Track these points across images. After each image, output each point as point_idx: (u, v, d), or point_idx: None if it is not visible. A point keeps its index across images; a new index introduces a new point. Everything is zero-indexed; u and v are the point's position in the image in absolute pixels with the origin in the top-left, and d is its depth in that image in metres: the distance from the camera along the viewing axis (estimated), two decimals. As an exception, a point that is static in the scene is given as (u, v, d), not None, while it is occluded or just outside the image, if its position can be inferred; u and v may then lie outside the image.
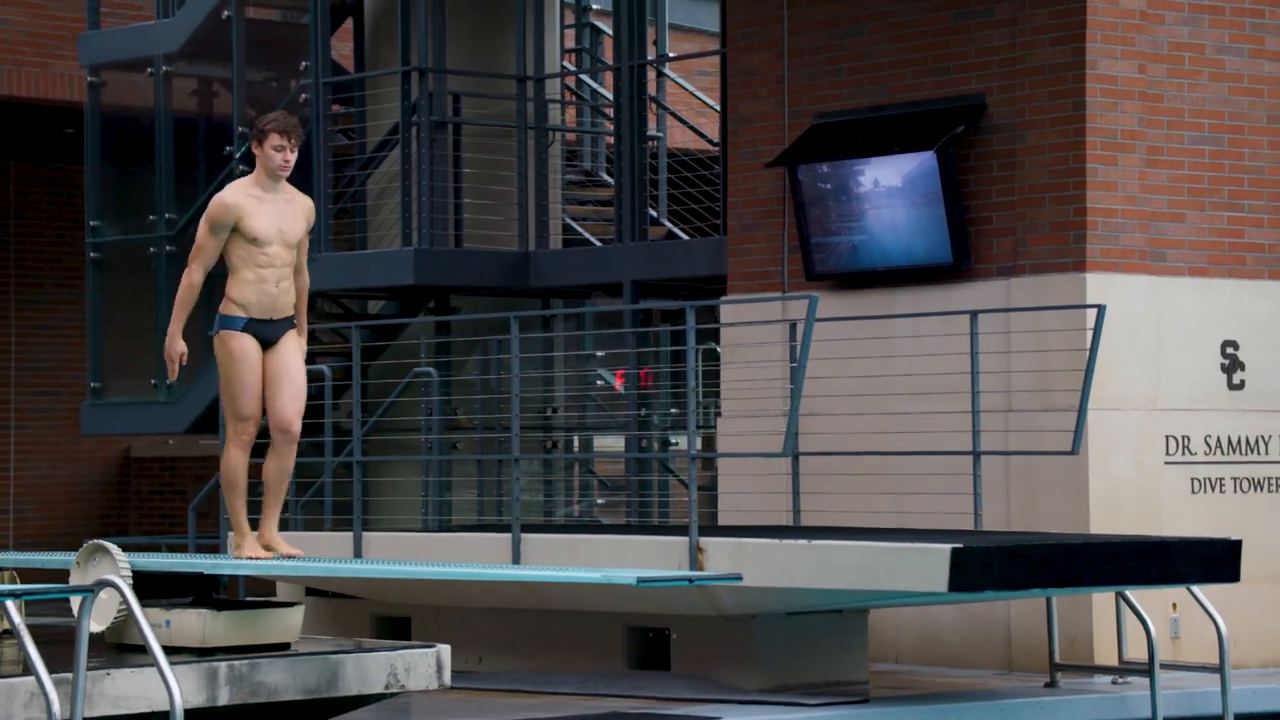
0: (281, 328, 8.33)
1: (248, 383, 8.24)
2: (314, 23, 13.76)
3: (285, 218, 8.28)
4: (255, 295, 8.24)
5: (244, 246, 8.21)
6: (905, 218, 11.24)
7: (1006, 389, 10.83)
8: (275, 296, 8.27)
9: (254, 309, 8.25)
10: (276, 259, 8.24)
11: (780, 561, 9.31)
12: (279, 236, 8.25)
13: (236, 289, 8.27)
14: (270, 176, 8.28)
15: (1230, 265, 11.22)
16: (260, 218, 8.22)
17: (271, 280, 8.24)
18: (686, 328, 9.72)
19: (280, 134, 8.24)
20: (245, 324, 8.26)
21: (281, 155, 8.24)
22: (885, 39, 11.51)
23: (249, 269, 8.22)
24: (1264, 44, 11.28)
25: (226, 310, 8.31)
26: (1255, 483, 11.22)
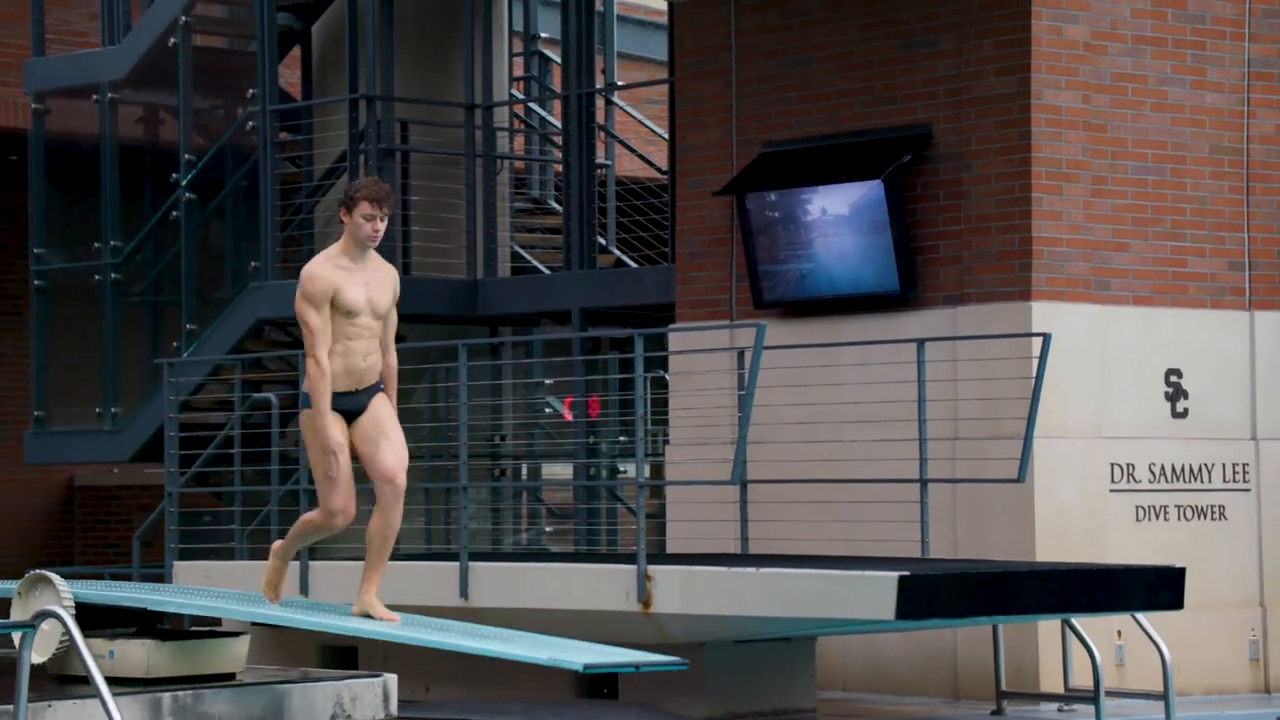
0: (367, 396, 7.97)
1: (340, 473, 7.88)
2: (261, 50, 13.73)
3: (373, 288, 7.95)
4: (342, 368, 7.90)
5: (333, 319, 7.88)
6: (853, 246, 11.29)
7: (953, 417, 10.88)
8: (363, 371, 7.93)
9: (341, 382, 7.90)
10: (365, 330, 7.92)
11: (728, 589, 9.31)
12: (368, 307, 7.94)
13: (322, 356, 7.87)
14: (358, 246, 7.94)
15: (1173, 294, 11.31)
16: (350, 289, 7.90)
17: (360, 353, 7.91)
18: (635, 355, 9.73)
19: (371, 202, 7.90)
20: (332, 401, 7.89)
21: (371, 225, 7.90)
22: (832, 69, 11.57)
23: (337, 342, 7.88)
24: (1205, 75, 11.40)
25: (309, 386, 7.90)
26: (1198, 510, 11.30)
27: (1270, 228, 11.61)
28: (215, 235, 14.43)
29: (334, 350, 7.90)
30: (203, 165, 14.13)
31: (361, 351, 7.92)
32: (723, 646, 9.76)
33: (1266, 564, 11.45)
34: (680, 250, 12.30)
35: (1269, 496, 11.49)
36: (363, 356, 7.93)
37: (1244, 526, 11.42)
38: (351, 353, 7.91)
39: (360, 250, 7.96)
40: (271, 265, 13.63)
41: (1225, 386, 11.42)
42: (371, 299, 7.95)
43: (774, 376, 10.72)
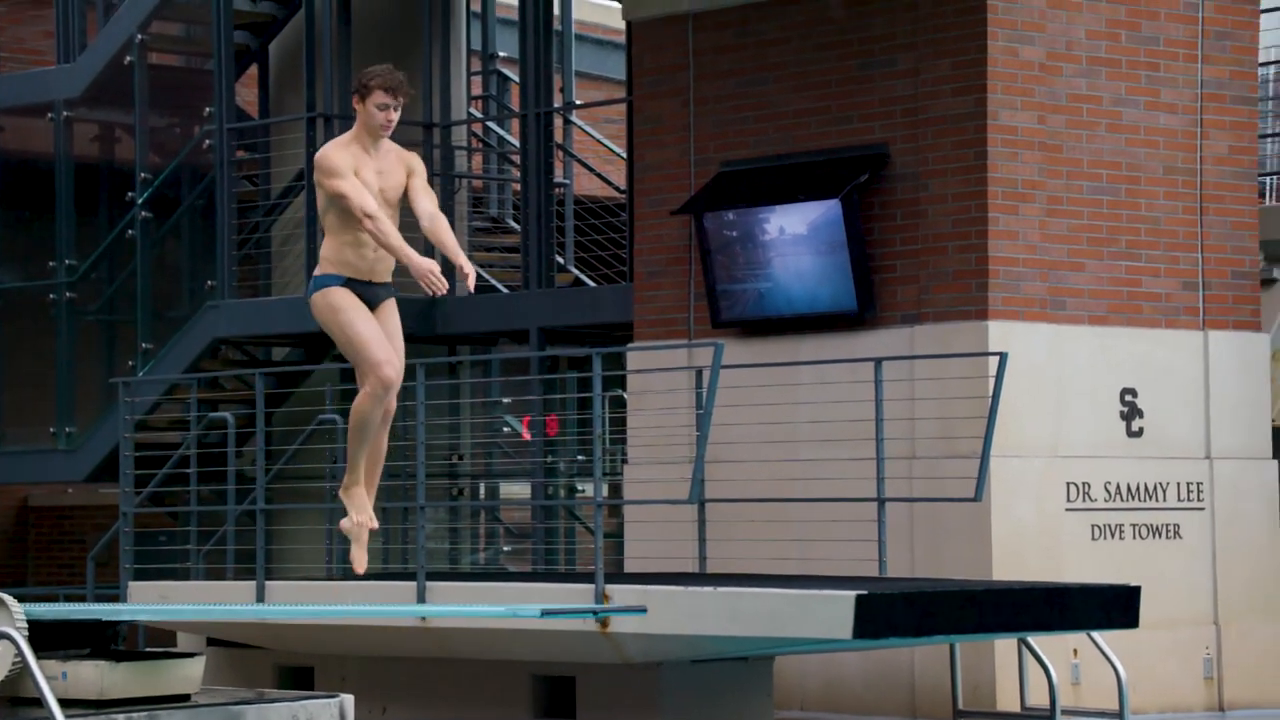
0: (382, 293, 7.76)
1: (367, 330, 7.59)
2: (218, 68, 13.70)
3: (386, 177, 7.71)
4: (354, 257, 7.64)
5: (342, 207, 7.59)
6: (810, 265, 11.32)
7: (910, 436, 10.91)
8: (374, 261, 7.66)
9: (352, 271, 7.65)
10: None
11: (686, 608, 9.31)
12: (380, 197, 7.66)
13: (334, 250, 7.67)
14: (371, 135, 7.67)
15: (1128, 314, 11.38)
16: (362, 175, 7.63)
17: (370, 244, 7.61)
18: (593, 375, 9.73)
19: (386, 91, 7.66)
20: (344, 282, 7.66)
21: (385, 114, 7.65)
22: (790, 88, 11.61)
23: (347, 231, 7.60)
24: (1159, 96, 11.48)
25: (323, 271, 7.70)
26: (1154, 529, 11.36)
27: (1223, 248, 11.69)
28: (172, 254, 14.38)
29: (344, 240, 7.60)
30: (159, 184, 14.09)
31: (372, 243, 7.62)
32: (680, 666, 9.75)
33: (1220, 582, 11.51)
34: (638, 269, 12.31)
35: (1223, 515, 11.56)
36: (373, 248, 7.64)
37: (1198, 545, 11.48)
38: (363, 242, 7.61)
39: (373, 140, 7.69)
40: (228, 284, 13.59)
41: (1179, 406, 11.48)
42: (384, 189, 7.68)
43: (732, 395, 10.73)
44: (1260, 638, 11.63)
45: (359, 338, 7.61)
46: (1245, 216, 11.77)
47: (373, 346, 7.61)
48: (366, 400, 7.73)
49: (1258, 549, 11.69)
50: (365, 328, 7.62)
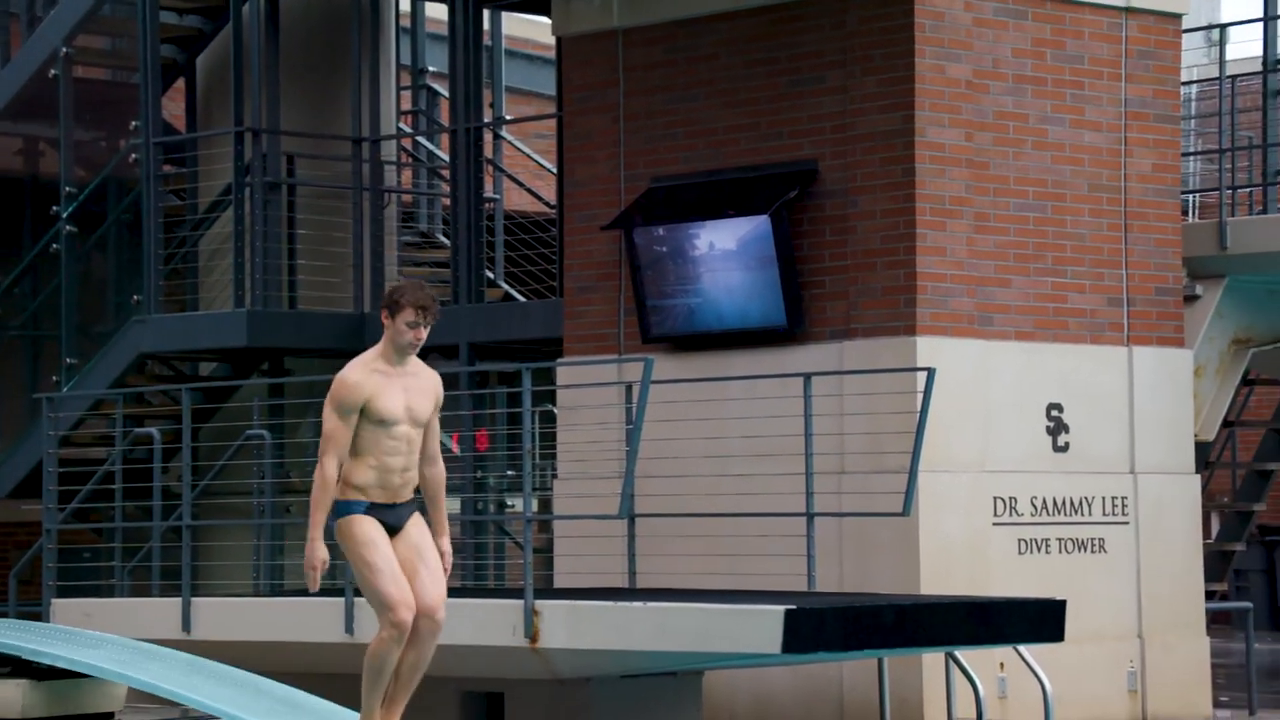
0: (406, 512, 7.49)
1: (385, 568, 7.32)
2: (144, 82, 13.61)
3: (413, 394, 7.44)
4: (377, 479, 7.40)
5: (368, 428, 7.36)
6: (740, 281, 11.35)
7: (840, 451, 10.95)
8: (399, 487, 7.43)
9: (375, 494, 7.41)
10: (403, 442, 7.41)
11: (616, 624, 9.30)
12: (407, 415, 7.41)
13: (357, 473, 7.39)
14: (398, 352, 7.46)
15: (1054, 330, 11.47)
16: (387, 397, 7.39)
17: (397, 469, 7.39)
18: (523, 390, 9.70)
19: (416, 310, 7.42)
20: (367, 508, 7.41)
21: (414, 333, 7.43)
22: (719, 104, 11.64)
23: (372, 455, 7.37)
24: (1084, 114, 11.59)
25: (345, 496, 7.40)
26: (1079, 543, 11.45)
27: (1147, 265, 11.81)
28: (97, 268, 14.25)
29: (369, 463, 7.38)
30: (84, 198, 13.97)
31: (399, 467, 7.39)
32: (610, 681, 9.74)
33: (1144, 596, 11.61)
34: (568, 284, 12.30)
35: (1147, 530, 11.67)
36: (400, 472, 7.41)
37: (1123, 559, 11.58)
38: (388, 468, 7.38)
39: (400, 356, 7.48)
40: (155, 299, 13.48)
41: (1105, 421, 11.58)
42: (410, 407, 7.43)
43: (662, 411, 10.74)
44: (1183, 651, 11.74)
45: (375, 577, 7.35)
46: (1168, 233, 11.90)
47: (388, 587, 7.34)
48: (382, 644, 7.42)
49: (1181, 563, 11.80)
50: (383, 565, 7.34)
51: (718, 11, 11.64)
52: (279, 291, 13.50)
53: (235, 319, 13.19)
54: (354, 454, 7.41)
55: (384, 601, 7.31)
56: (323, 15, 14.38)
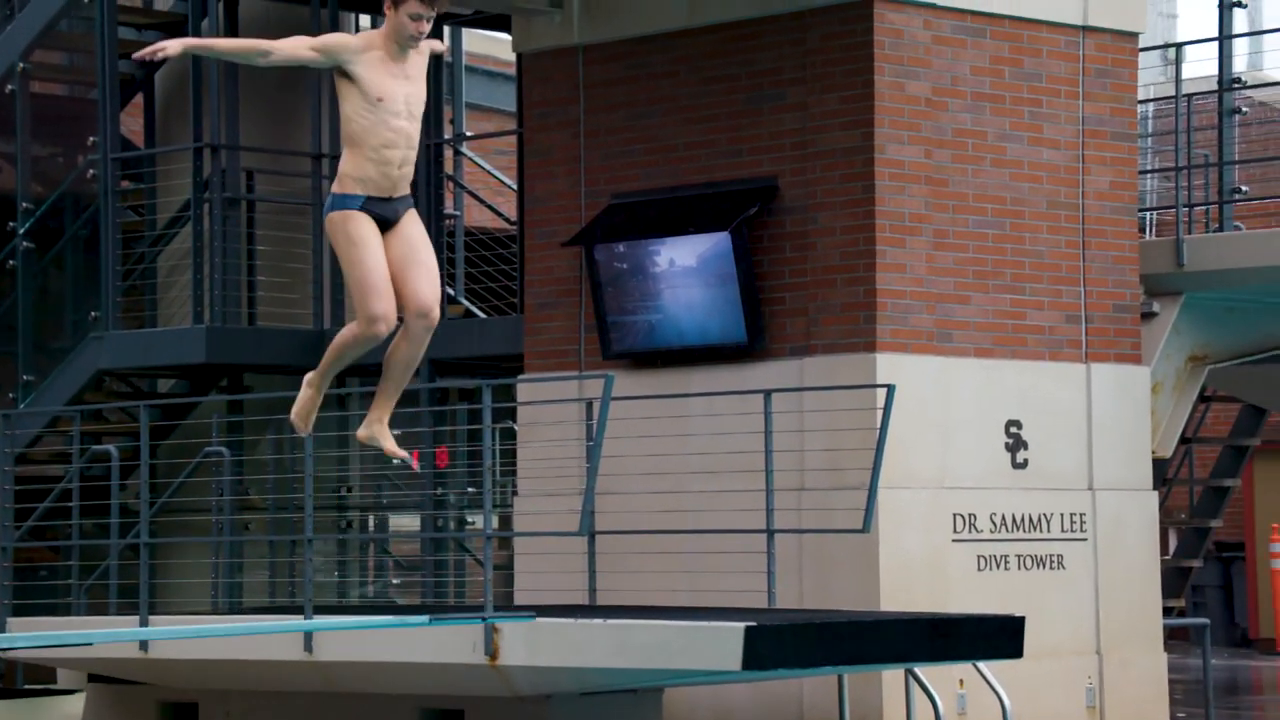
0: (402, 206, 7.27)
1: (373, 275, 7.11)
2: (102, 98, 13.55)
3: (411, 86, 7.20)
4: (375, 174, 7.15)
5: (366, 112, 7.09)
6: (700, 297, 11.36)
7: (799, 468, 10.96)
8: (398, 179, 7.19)
9: (372, 186, 7.17)
10: (400, 136, 7.16)
11: (576, 641, 9.29)
12: (405, 108, 7.18)
13: (354, 164, 7.13)
14: (399, 44, 7.19)
15: (1013, 347, 11.51)
16: (386, 80, 7.13)
17: (395, 161, 7.14)
18: (483, 406, 9.69)
19: (421, 1, 7.12)
20: (363, 203, 7.17)
21: (417, 25, 7.14)
22: (680, 121, 11.66)
23: (372, 145, 7.11)
24: (1042, 132, 11.65)
25: (341, 188, 7.18)
26: (1038, 560, 11.49)
27: (1105, 282, 11.87)
28: (54, 284, 14.17)
29: (369, 155, 7.14)
30: (41, 213, 13.89)
31: (397, 160, 7.18)
32: (570, 698, 9.72)
33: (1103, 612, 11.66)
34: (529, 301, 12.30)
35: (1105, 545, 11.71)
36: (398, 165, 7.19)
37: (1081, 575, 11.62)
38: (386, 160, 7.15)
39: (401, 49, 7.21)
40: (113, 315, 13.42)
41: (1063, 438, 11.63)
42: (409, 98, 7.20)
43: (622, 427, 10.74)
44: (1141, 667, 11.79)
45: (364, 281, 7.15)
46: (1126, 251, 11.96)
47: (374, 294, 7.14)
48: (352, 338, 7.26)
49: (1139, 579, 11.86)
50: (373, 270, 7.15)
51: (678, 29, 11.66)
52: (238, 308, 13.45)
53: (194, 335, 13.13)
54: (353, 144, 7.16)
55: (366, 312, 7.14)
56: (282, 29, 14.34)
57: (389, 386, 7.33)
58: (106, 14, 13.62)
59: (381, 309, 7.15)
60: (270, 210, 13.90)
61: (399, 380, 7.30)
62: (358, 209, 7.17)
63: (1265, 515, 19.15)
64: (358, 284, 7.17)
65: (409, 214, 7.32)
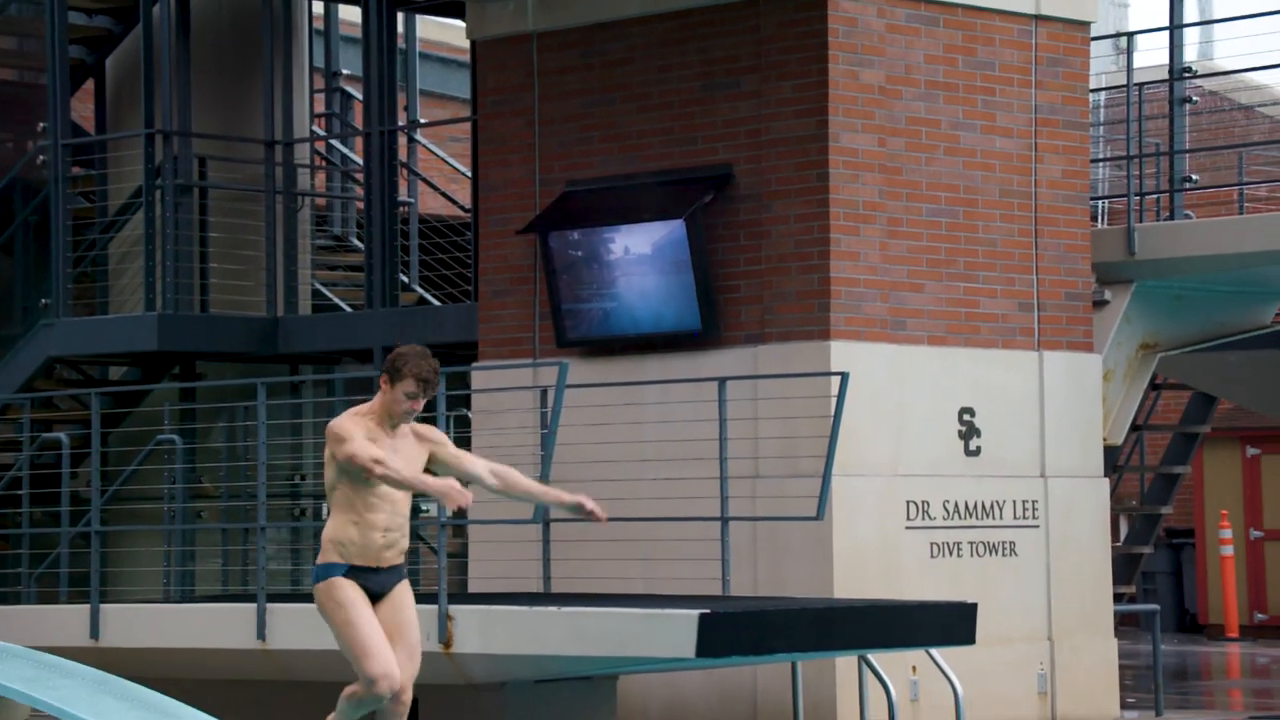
0: (390, 579, 7.26)
1: (366, 636, 7.08)
2: (52, 83, 13.45)
3: (403, 457, 7.22)
4: (359, 537, 7.15)
5: (350, 485, 7.13)
6: (655, 285, 11.36)
7: (754, 455, 10.99)
8: (381, 548, 7.18)
9: (355, 555, 7.17)
10: (385, 503, 7.19)
11: (530, 629, 9.29)
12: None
13: (337, 531, 7.16)
14: (390, 419, 7.27)
15: (966, 335, 11.56)
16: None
17: (379, 527, 7.16)
18: (437, 394, 9.66)
19: (418, 382, 7.21)
20: (346, 570, 7.18)
21: (411, 404, 7.24)
22: (634, 109, 11.65)
23: (353, 511, 7.14)
24: (995, 121, 11.69)
25: (325, 558, 7.20)
26: (990, 546, 11.54)
27: (1057, 270, 11.93)
28: (4, 271, 14.07)
29: (350, 518, 7.15)
30: (-9, 199, 13.79)
31: (381, 525, 7.18)
32: (524, 686, 9.72)
33: (1054, 599, 11.73)
34: (483, 288, 12.27)
35: (1056, 533, 11.78)
36: (382, 531, 7.19)
37: (1033, 562, 11.68)
38: (370, 524, 7.15)
39: (392, 423, 7.28)
40: (63, 302, 13.33)
41: (1016, 425, 11.69)
42: (407, 459, 7.23)
43: (577, 415, 10.74)
44: (1092, 653, 11.87)
45: (357, 645, 7.14)
46: (1078, 239, 12.02)
47: (369, 657, 7.13)
48: (358, 698, 7.26)
49: (1090, 566, 11.93)
50: (365, 632, 7.13)
51: (632, 16, 11.65)
52: (190, 295, 13.39)
53: (145, 322, 13.06)
54: (336, 510, 7.19)
55: (365, 672, 7.12)
56: (234, 17, 14.27)
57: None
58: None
59: (380, 669, 7.14)
60: (223, 197, 13.83)
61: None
62: (341, 575, 7.18)
63: (1215, 502, 19.30)
64: (352, 647, 7.13)
65: (400, 586, 7.29)
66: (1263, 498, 19.30)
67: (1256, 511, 19.26)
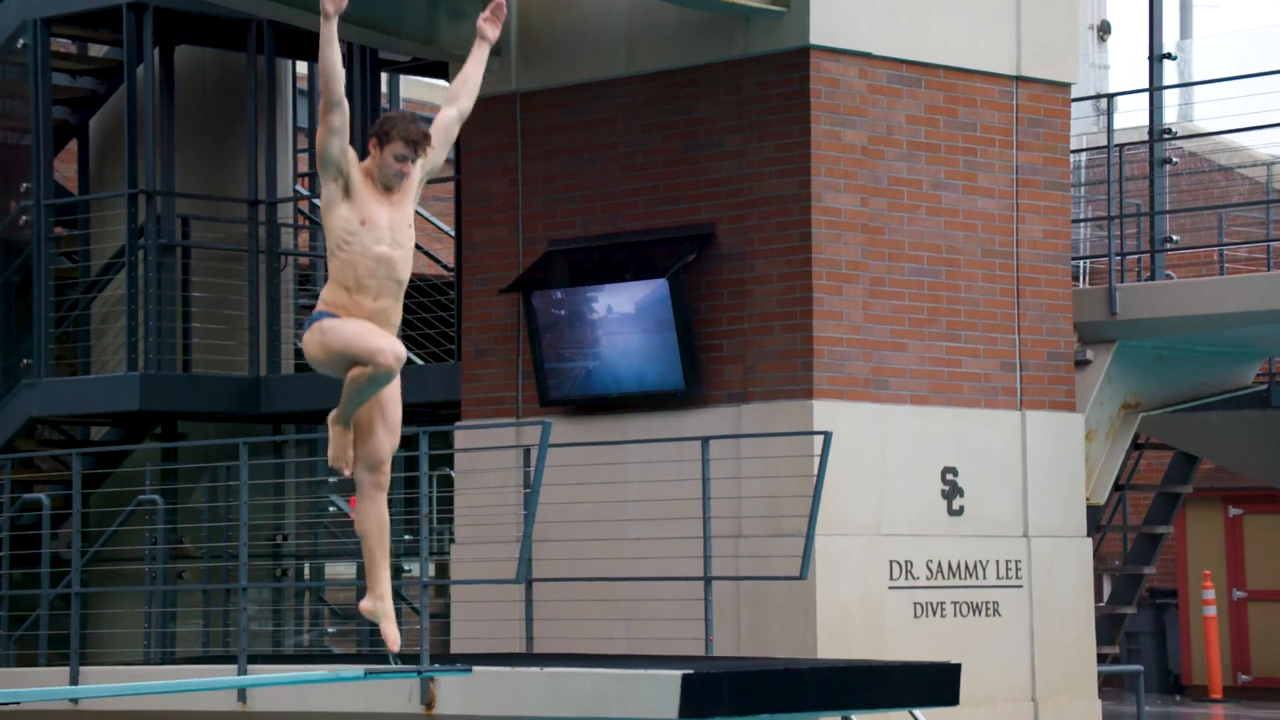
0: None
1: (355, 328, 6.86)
2: (36, 143, 13.47)
3: (397, 213, 7.06)
4: (351, 305, 6.97)
5: (346, 242, 6.94)
6: (638, 344, 11.37)
7: (737, 514, 10.97)
8: (374, 311, 6.99)
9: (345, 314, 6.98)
10: (381, 266, 7.01)
11: (513, 689, 9.24)
12: (390, 236, 7.03)
13: (333, 294, 7.00)
14: (382, 182, 7.09)
15: (949, 394, 11.58)
16: (371, 204, 7.00)
17: (371, 292, 6.97)
18: (420, 453, 9.65)
19: (406, 143, 7.02)
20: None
21: (401, 166, 7.06)
22: (617, 168, 11.69)
23: (348, 275, 6.95)
24: (977, 181, 11.75)
25: (320, 309, 7.02)
26: (974, 607, 11.52)
27: (1039, 329, 11.96)
28: (-14, 330, 14.03)
29: (345, 284, 6.95)
30: (-27, 259, 13.78)
31: (373, 290, 6.99)
32: (507, 747, 9.67)
33: (1038, 659, 11.70)
34: (466, 347, 12.27)
35: (1040, 593, 11.76)
36: (373, 296, 6.99)
37: (1016, 622, 11.66)
38: (363, 289, 6.97)
39: (384, 184, 7.09)
40: (45, 362, 13.30)
41: (998, 485, 11.69)
42: (394, 227, 7.04)
43: (559, 474, 10.72)
44: (1075, 713, 11.83)
45: (351, 338, 6.92)
46: (1060, 299, 12.06)
47: (361, 341, 6.90)
48: (361, 373, 7.01)
49: (1073, 626, 11.91)
50: (352, 328, 6.92)
51: (615, 76, 11.71)
52: (173, 355, 13.37)
53: (127, 382, 13.03)
54: (331, 276, 7.01)
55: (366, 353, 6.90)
56: (218, 76, 14.32)
57: (374, 555, 7.19)
58: (40, 60, 13.56)
59: (379, 343, 6.94)
60: (206, 256, 13.83)
61: (381, 544, 7.17)
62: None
63: (1197, 562, 19.30)
64: (347, 344, 6.96)
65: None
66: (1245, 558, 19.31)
67: (1239, 572, 19.26)
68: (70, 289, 13.69)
